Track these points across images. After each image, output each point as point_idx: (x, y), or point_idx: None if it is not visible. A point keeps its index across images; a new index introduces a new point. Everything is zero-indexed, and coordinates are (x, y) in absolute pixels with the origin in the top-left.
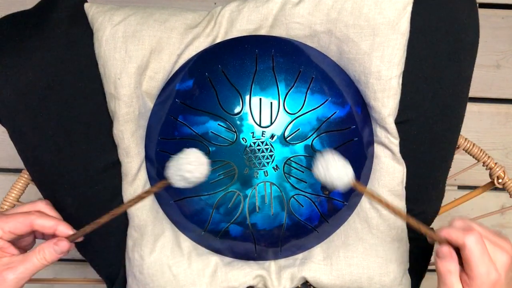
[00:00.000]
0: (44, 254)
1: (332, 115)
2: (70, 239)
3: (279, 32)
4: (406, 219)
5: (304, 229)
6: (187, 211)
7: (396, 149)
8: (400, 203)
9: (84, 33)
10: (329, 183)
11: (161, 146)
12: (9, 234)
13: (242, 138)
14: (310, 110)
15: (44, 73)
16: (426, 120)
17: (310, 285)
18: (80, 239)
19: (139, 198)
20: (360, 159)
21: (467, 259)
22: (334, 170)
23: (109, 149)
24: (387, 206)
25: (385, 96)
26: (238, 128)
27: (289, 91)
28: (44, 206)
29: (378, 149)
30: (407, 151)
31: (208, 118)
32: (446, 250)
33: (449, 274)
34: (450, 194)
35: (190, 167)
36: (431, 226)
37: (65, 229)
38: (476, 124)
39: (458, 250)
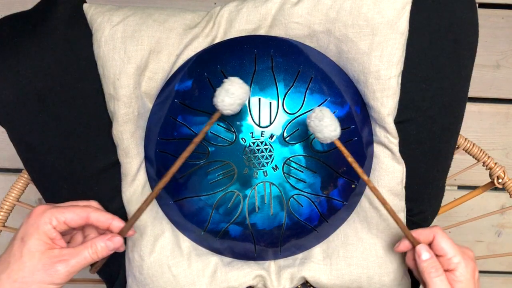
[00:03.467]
0: (97, 248)
1: None
2: (122, 233)
3: (278, 32)
4: (388, 209)
5: (304, 229)
6: (186, 211)
7: (396, 148)
8: (400, 203)
9: (83, 34)
10: (318, 131)
11: (161, 147)
12: (63, 225)
13: (241, 138)
14: (309, 110)
15: (43, 74)
16: (425, 119)
17: (310, 285)
18: (131, 232)
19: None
20: (360, 159)
21: (438, 245)
22: (328, 120)
23: (108, 149)
24: (369, 184)
25: (384, 95)
26: (237, 128)
27: (288, 91)
28: (97, 204)
29: (377, 148)
30: (407, 151)
31: (207, 118)
32: (423, 246)
33: (434, 269)
34: (450, 194)
35: (232, 83)
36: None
37: (119, 224)
38: (476, 124)
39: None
